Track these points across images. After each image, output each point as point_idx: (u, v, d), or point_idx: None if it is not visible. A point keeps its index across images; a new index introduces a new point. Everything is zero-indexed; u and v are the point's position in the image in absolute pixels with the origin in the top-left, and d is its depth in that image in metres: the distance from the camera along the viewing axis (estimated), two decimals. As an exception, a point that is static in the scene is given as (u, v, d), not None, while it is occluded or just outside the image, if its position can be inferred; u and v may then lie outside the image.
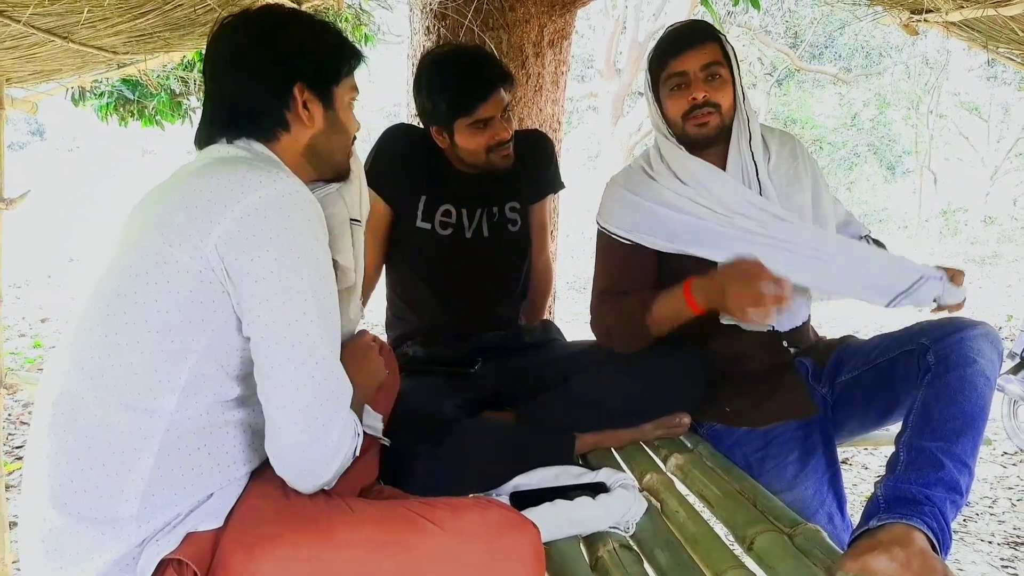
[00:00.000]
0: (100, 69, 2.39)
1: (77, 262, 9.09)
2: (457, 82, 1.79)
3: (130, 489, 1.01)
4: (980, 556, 3.33)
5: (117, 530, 1.00)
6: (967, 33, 2.24)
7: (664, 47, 1.71)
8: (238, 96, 1.19)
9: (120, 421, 1.01)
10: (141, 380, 1.02)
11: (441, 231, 1.94)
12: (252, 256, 1.02)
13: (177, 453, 1.03)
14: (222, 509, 1.07)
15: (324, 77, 1.23)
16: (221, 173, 1.08)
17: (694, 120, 1.68)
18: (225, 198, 1.03)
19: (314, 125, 1.22)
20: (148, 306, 1.02)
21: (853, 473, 4.22)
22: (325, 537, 1.02)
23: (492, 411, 1.78)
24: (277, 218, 1.04)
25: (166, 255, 1.03)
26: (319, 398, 1.05)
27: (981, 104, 15.76)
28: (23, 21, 1.82)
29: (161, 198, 1.11)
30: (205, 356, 1.04)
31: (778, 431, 1.63)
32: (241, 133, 1.19)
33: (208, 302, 1.03)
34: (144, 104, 5.23)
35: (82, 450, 1.01)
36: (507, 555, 1.06)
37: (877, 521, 1.21)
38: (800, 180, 1.76)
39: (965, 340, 1.39)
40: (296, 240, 1.05)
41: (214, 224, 1.02)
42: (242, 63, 1.19)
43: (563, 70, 2.84)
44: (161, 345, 1.02)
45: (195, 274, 1.03)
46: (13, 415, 4.19)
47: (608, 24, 11.20)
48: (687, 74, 1.67)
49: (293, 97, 1.19)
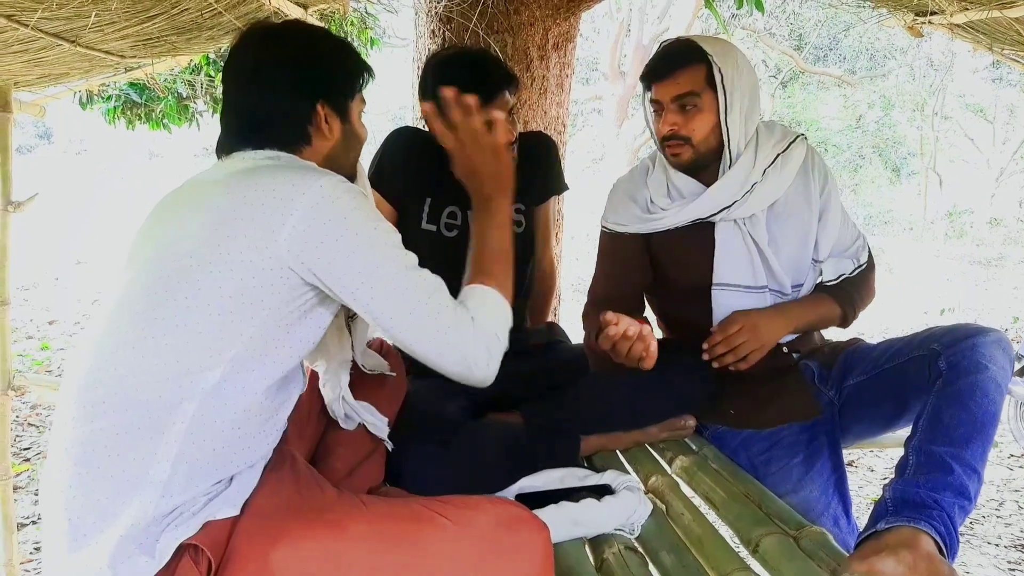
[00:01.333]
0: (107, 73, 2.40)
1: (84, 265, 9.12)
2: (461, 84, 1.79)
3: (163, 452, 1.03)
4: (987, 559, 3.32)
5: (141, 493, 1.01)
6: (972, 35, 2.23)
7: (646, 71, 1.71)
8: (262, 110, 1.24)
9: (159, 393, 1.04)
10: (189, 357, 1.06)
11: (447, 233, 1.94)
12: (335, 237, 1.11)
13: (212, 425, 1.07)
14: (240, 497, 1.09)
15: (342, 93, 1.29)
16: (275, 175, 1.15)
17: (669, 148, 1.71)
18: (287, 196, 1.11)
19: (333, 138, 1.28)
20: (212, 292, 1.08)
21: (859, 475, 4.21)
22: (337, 530, 1.03)
23: (497, 413, 1.78)
24: (342, 203, 1.13)
25: (228, 247, 1.09)
26: (438, 317, 1.18)
27: (986, 106, 15.72)
28: (31, 25, 1.83)
29: (198, 203, 1.15)
30: (253, 340, 1.10)
31: (783, 433, 1.63)
32: (266, 144, 1.24)
33: (266, 286, 1.10)
34: (151, 107, 5.25)
35: (118, 417, 1.03)
36: (517, 551, 1.07)
37: (884, 524, 1.21)
38: (797, 204, 1.73)
39: (977, 346, 1.39)
40: (361, 214, 1.15)
41: (282, 223, 1.10)
42: (267, 78, 1.23)
43: (567, 73, 2.84)
44: (220, 325, 1.07)
45: (255, 263, 1.09)
46: (21, 417, 4.20)
47: (612, 27, 11.21)
48: (661, 103, 1.68)
49: (316, 113, 1.25)
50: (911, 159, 17.08)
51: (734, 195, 1.68)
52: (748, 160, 1.69)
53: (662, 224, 1.75)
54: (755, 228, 1.70)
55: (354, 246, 1.13)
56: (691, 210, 1.71)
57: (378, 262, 1.15)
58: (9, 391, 2.40)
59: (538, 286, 2.17)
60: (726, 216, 1.69)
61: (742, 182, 1.68)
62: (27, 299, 7.26)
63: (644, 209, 1.79)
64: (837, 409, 1.70)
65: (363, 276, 1.14)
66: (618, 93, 11.37)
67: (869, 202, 16.64)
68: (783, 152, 1.71)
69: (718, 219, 1.70)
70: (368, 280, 1.14)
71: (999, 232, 15.02)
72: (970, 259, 12.48)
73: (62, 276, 8.49)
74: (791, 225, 1.72)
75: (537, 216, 2.08)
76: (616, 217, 1.82)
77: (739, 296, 1.70)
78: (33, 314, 6.71)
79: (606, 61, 11.43)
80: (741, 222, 1.70)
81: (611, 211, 1.84)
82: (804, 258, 1.73)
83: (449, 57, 1.88)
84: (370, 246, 1.15)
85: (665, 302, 1.85)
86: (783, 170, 1.70)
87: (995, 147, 15.76)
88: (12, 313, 2.41)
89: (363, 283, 1.14)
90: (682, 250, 1.76)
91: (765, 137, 1.72)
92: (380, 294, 1.15)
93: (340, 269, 1.13)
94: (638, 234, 1.79)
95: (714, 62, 1.63)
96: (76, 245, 9.83)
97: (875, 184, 17.52)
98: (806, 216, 1.73)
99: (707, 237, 1.72)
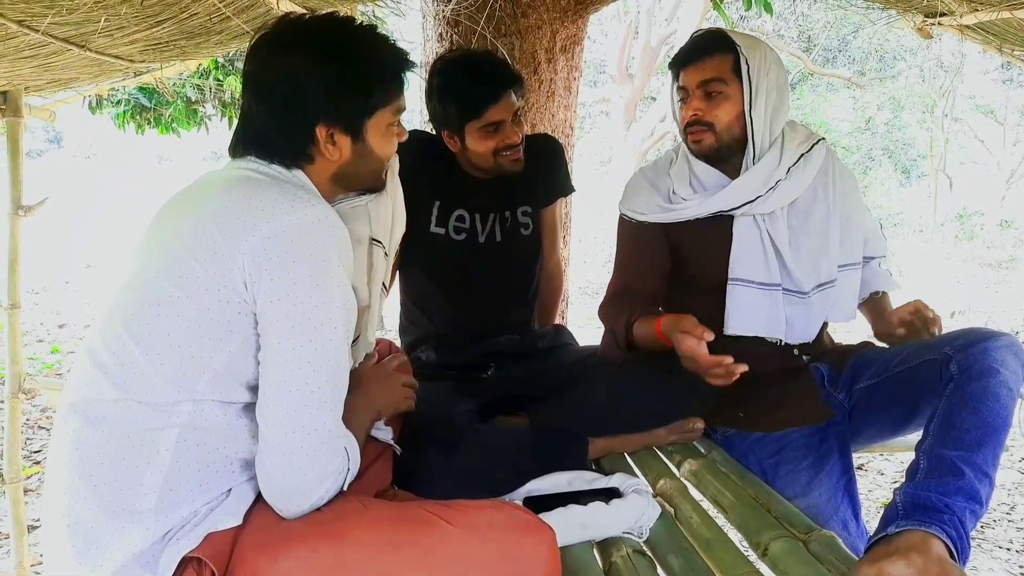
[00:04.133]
0: (117, 77, 2.41)
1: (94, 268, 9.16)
2: (467, 85, 1.79)
3: (149, 482, 1.03)
4: (998, 563, 3.30)
5: (137, 522, 1.02)
6: (982, 36, 2.22)
7: (675, 57, 1.73)
8: (263, 123, 1.18)
9: (139, 418, 1.04)
10: (160, 389, 1.04)
11: (455, 236, 1.95)
12: (273, 276, 1.03)
13: (196, 449, 1.06)
14: (241, 507, 1.09)
15: (353, 113, 1.19)
16: (253, 192, 1.10)
17: (691, 135, 1.71)
18: (256, 217, 1.05)
19: (341, 158, 1.21)
20: (170, 320, 1.05)
21: (868, 479, 4.18)
22: (341, 537, 1.03)
23: (505, 416, 1.78)
24: (302, 243, 1.05)
25: (190, 270, 1.05)
26: (307, 428, 1.05)
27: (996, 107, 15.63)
28: (41, 30, 1.84)
29: (191, 207, 1.12)
30: (223, 372, 1.07)
31: (792, 437, 1.63)
32: (270, 155, 1.19)
33: (225, 322, 1.05)
34: (160, 112, 5.29)
35: (102, 446, 1.04)
36: (522, 556, 1.07)
37: (895, 528, 1.21)
38: (817, 205, 1.74)
39: (989, 351, 1.39)
40: (317, 268, 1.05)
41: (243, 241, 1.04)
42: (267, 93, 1.17)
43: (575, 76, 2.84)
44: (181, 359, 1.05)
45: (214, 292, 1.04)
46: (32, 420, 4.22)
47: (620, 29, 11.21)
48: (687, 89, 1.70)
49: (315, 135, 1.17)
50: (921, 161, 16.99)
51: (757, 190, 1.68)
52: (774, 158, 1.70)
53: (683, 214, 1.74)
54: (774, 226, 1.70)
55: (284, 293, 1.03)
56: (713, 202, 1.71)
57: (293, 324, 1.04)
58: (20, 394, 2.41)
59: (545, 288, 2.17)
60: (747, 211, 1.69)
61: (766, 178, 1.69)
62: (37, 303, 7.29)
63: (666, 199, 1.78)
64: (847, 412, 1.69)
65: (272, 328, 1.04)
66: (626, 96, 11.36)
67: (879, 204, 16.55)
68: (806, 153, 1.73)
69: (738, 213, 1.70)
70: (273, 334, 1.04)
71: (1010, 234, 14.91)
72: (980, 261, 12.39)
73: (72, 279, 8.53)
74: (810, 225, 1.72)
75: (544, 218, 2.08)
76: (637, 205, 1.81)
77: (753, 292, 1.69)
78: (43, 317, 6.74)
79: (614, 64, 11.42)
80: (760, 218, 1.70)
81: (632, 199, 1.83)
82: (824, 259, 1.73)
83: (454, 58, 1.88)
84: (298, 302, 1.04)
85: (679, 297, 1.84)
86: (804, 170, 1.71)
87: (1005, 149, 15.66)
88: (23, 316, 2.43)
89: (268, 335, 1.05)
90: (700, 243, 1.75)
91: (790, 137, 1.74)
92: (274, 354, 1.04)
93: (262, 310, 1.04)
94: (658, 223, 1.77)
95: (742, 53, 1.65)
96: (86, 248, 9.88)
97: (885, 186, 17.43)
98: (825, 217, 1.74)
99: (725, 231, 1.72)
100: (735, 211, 1.70)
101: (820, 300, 1.73)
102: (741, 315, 1.69)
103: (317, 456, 1.06)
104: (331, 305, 1.07)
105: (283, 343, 1.04)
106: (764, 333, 1.69)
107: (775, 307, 1.69)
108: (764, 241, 1.70)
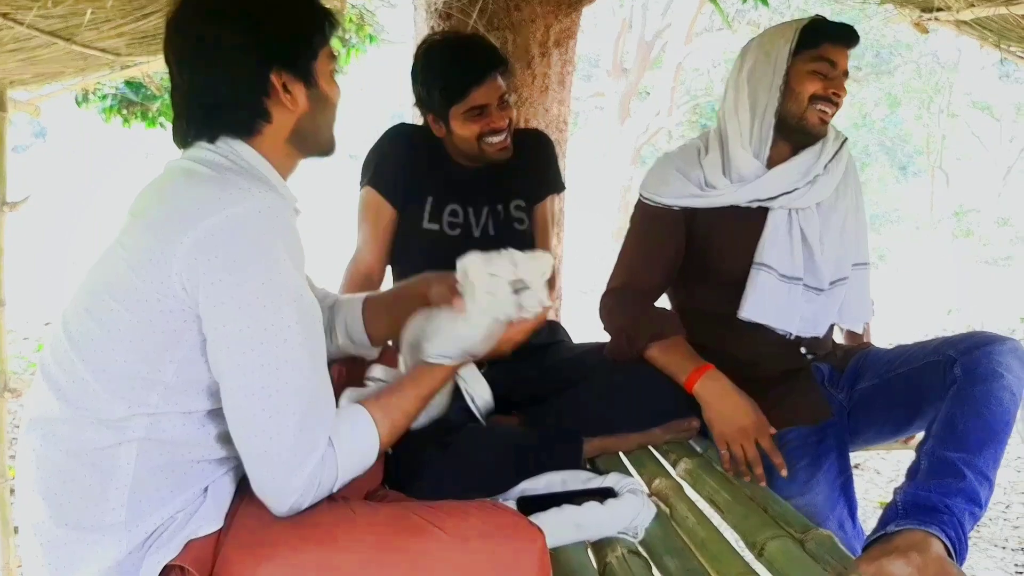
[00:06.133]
0: (103, 71, 2.39)
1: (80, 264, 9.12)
2: (450, 67, 1.76)
3: (114, 498, 1.00)
4: (993, 562, 3.29)
5: (109, 535, 1.00)
6: (978, 31, 2.21)
7: (826, 30, 1.65)
8: (211, 91, 1.07)
9: (94, 436, 1.00)
10: (110, 406, 1.00)
11: (450, 231, 1.93)
12: (212, 279, 0.96)
13: (160, 458, 1.03)
14: (220, 510, 1.06)
15: (301, 55, 1.10)
16: (187, 189, 1.03)
17: (822, 111, 1.66)
18: (189, 216, 0.97)
19: (298, 108, 1.11)
20: (112, 335, 1.00)
21: (865, 478, 4.18)
22: (328, 542, 1.01)
23: (498, 415, 1.75)
24: (241, 239, 0.97)
25: (128, 281, 1.00)
26: (269, 432, 0.98)
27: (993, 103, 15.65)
28: (26, 23, 1.82)
29: (132, 213, 1.07)
30: (176, 383, 1.02)
31: (790, 436, 1.62)
32: (220, 131, 1.08)
33: (171, 331, 1.00)
34: (147, 106, 5.26)
35: (61, 464, 1.01)
36: (512, 561, 1.05)
37: (895, 527, 1.22)
38: (840, 202, 1.75)
39: (993, 354, 1.40)
40: (261, 264, 0.98)
41: (177, 244, 0.96)
42: (210, 54, 1.06)
43: (569, 70, 2.82)
44: (128, 374, 1.00)
45: (155, 303, 0.98)
46: (17, 419, 4.19)
47: (615, 23, 11.19)
48: (836, 66, 1.65)
49: (271, 85, 1.08)
50: (917, 157, 17.02)
51: (795, 182, 1.67)
52: (814, 152, 1.70)
53: (719, 200, 1.71)
54: (807, 221, 1.70)
55: (228, 296, 0.96)
56: (749, 190, 1.69)
57: (243, 327, 0.97)
58: (5, 393, 2.39)
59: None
60: (784, 204, 1.68)
61: (804, 172, 1.68)
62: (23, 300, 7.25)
63: (698, 187, 1.74)
64: (847, 412, 1.69)
65: (222, 335, 0.97)
66: (620, 90, 11.35)
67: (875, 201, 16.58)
68: (838, 150, 1.74)
69: (775, 205, 1.69)
70: (224, 342, 0.97)
71: (1006, 231, 14.96)
72: (977, 258, 12.42)
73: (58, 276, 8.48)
74: (834, 221, 1.73)
75: (535, 214, 2.06)
76: (665, 188, 1.74)
77: (774, 281, 1.68)
78: (29, 315, 6.70)
79: (608, 58, 11.41)
80: (795, 212, 1.69)
81: (660, 183, 1.76)
82: (844, 255, 1.75)
83: (438, 41, 1.85)
84: (246, 303, 0.96)
85: (692, 286, 1.81)
86: (838, 167, 1.73)
87: (1002, 145, 15.68)
88: (7, 314, 2.40)
89: (218, 344, 0.98)
90: (728, 233, 1.72)
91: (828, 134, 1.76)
92: (230, 363, 0.98)
93: (207, 318, 0.97)
94: (685, 209, 1.73)
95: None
96: (71, 245, 9.83)
97: (881, 182, 17.46)
98: (845, 214, 1.75)
99: (757, 224, 1.70)
100: (772, 202, 1.68)
101: (833, 296, 1.73)
102: (758, 301, 1.68)
103: (285, 462, 1.00)
104: (280, 302, 0.98)
105: (232, 348, 0.98)
106: (775, 323, 1.68)
107: (792, 300, 1.68)
108: (794, 235, 1.69)
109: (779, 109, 1.65)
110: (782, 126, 1.67)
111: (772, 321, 1.67)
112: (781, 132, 1.68)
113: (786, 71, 1.64)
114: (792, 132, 1.67)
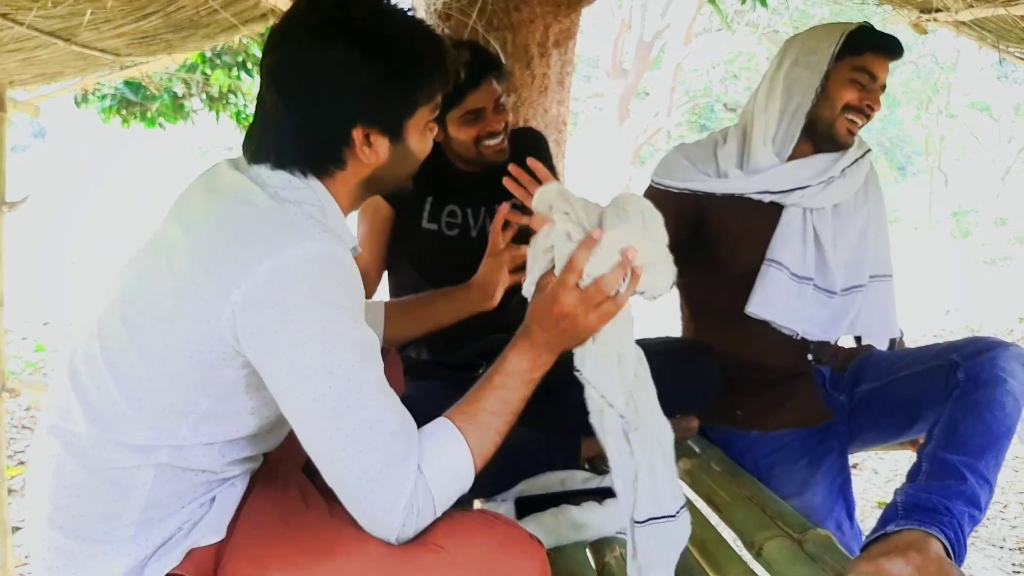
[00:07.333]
0: (103, 71, 2.38)
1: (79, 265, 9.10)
2: None
3: (127, 516, 1.01)
4: (991, 561, 3.29)
5: (119, 548, 1.01)
6: (977, 32, 2.21)
7: (871, 40, 1.63)
8: (290, 126, 1.03)
9: (117, 457, 1.00)
10: (137, 431, 1.00)
11: (448, 232, 1.92)
12: (270, 331, 0.94)
13: (175, 480, 1.03)
14: (224, 520, 1.06)
15: (395, 115, 1.05)
16: (242, 223, 0.98)
17: (852, 122, 1.65)
18: (242, 263, 0.94)
19: (377, 160, 1.06)
20: (151, 365, 0.98)
21: (863, 479, 4.18)
22: (325, 557, 0.99)
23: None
24: (297, 288, 0.94)
25: (173, 316, 0.97)
26: (355, 472, 0.96)
27: (992, 103, 15.65)
28: (26, 24, 1.81)
29: (186, 230, 1.02)
30: (206, 415, 1.01)
31: (791, 436, 1.62)
32: (289, 163, 1.04)
33: (209, 369, 0.98)
34: (147, 106, 5.25)
35: (79, 477, 1.01)
36: None
37: (894, 527, 1.23)
38: (859, 211, 1.75)
39: (997, 359, 1.41)
40: (319, 310, 0.95)
41: (230, 293, 0.94)
42: (297, 91, 1.02)
43: (568, 70, 2.82)
44: (162, 405, 0.99)
45: (195, 343, 0.96)
46: (15, 419, 4.18)
47: (614, 24, 11.18)
48: (876, 78, 1.63)
49: (351, 138, 1.03)
50: (916, 158, 17.04)
51: (807, 180, 1.66)
52: (834, 155, 1.70)
53: (727, 187, 1.70)
54: (821, 222, 1.70)
55: (297, 344, 0.93)
56: (761, 180, 1.68)
57: (310, 374, 0.94)
58: (3, 393, 2.38)
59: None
60: (798, 202, 1.68)
61: (820, 171, 1.68)
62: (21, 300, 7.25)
63: (707, 174, 1.73)
64: (847, 414, 1.69)
65: (289, 381, 0.95)
66: (620, 91, 11.35)
67: (873, 201, 16.59)
68: (860, 158, 1.73)
69: (789, 203, 1.68)
70: (291, 387, 0.95)
71: (1005, 232, 14.97)
72: (975, 258, 12.42)
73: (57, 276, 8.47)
74: (851, 227, 1.73)
75: (534, 214, 2.06)
76: (679, 173, 1.73)
77: (784, 279, 1.67)
78: (27, 315, 6.69)
79: (607, 58, 11.40)
80: (809, 212, 1.69)
81: (675, 168, 1.75)
82: (859, 262, 1.74)
83: None
84: (318, 357, 0.94)
85: (701, 279, 1.78)
86: (856, 174, 1.72)
87: (1000, 145, 15.69)
88: (6, 314, 2.39)
89: (285, 388, 0.96)
90: (742, 225, 1.71)
91: None
92: (299, 405, 0.96)
93: (268, 364, 0.95)
94: (697, 196, 1.71)
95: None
96: (71, 245, 9.82)
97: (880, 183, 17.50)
98: (864, 224, 1.75)
99: (771, 219, 1.70)
100: (785, 198, 1.68)
101: (846, 303, 1.72)
102: (767, 297, 1.67)
103: (376, 498, 0.97)
104: (341, 346, 0.96)
105: (300, 397, 0.95)
106: (782, 321, 1.67)
107: (802, 300, 1.68)
108: (807, 234, 1.69)
109: (811, 111, 1.64)
110: (810, 129, 1.66)
111: (779, 319, 1.66)
112: (807, 134, 1.67)
113: (825, 74, 1.62)
114: (818, 136, 1.67)
